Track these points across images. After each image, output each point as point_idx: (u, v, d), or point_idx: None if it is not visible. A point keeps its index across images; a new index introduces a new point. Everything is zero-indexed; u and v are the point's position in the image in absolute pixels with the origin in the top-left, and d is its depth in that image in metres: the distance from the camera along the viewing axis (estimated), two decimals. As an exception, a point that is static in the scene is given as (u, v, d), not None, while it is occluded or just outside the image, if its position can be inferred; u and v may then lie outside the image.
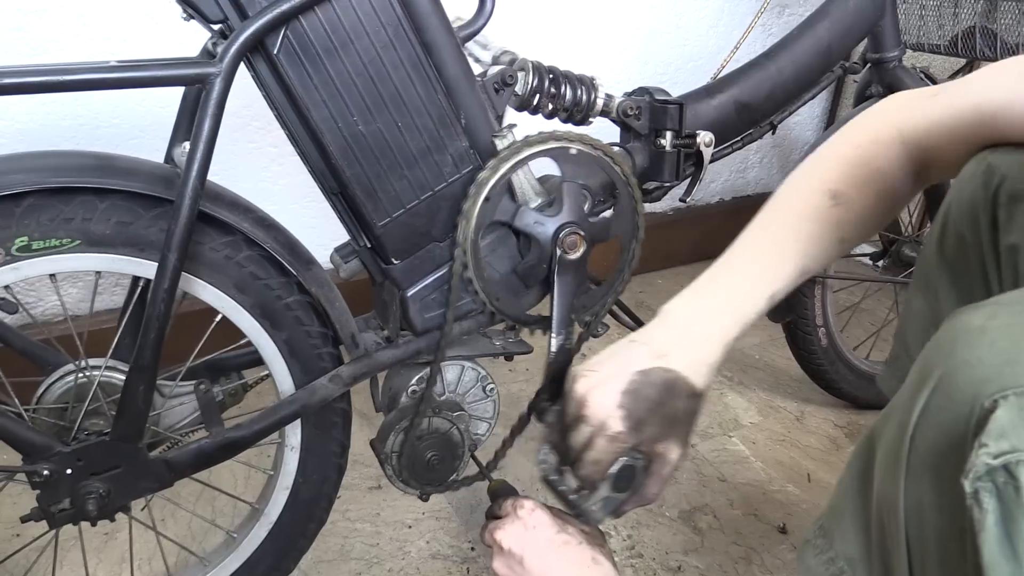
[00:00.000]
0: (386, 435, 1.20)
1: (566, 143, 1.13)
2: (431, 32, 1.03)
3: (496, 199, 1.12)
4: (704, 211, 2.67)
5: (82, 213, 0.95)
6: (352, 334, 1.15)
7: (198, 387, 1.06)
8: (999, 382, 0.56)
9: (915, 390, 0.63)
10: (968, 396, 0.57)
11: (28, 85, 0.87)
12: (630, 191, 1.20)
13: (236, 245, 1.05)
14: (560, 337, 1.18)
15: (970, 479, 0.54)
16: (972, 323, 0.61)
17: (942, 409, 0.60)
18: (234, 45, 0.92)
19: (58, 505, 1.02)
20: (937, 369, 0.61)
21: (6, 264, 0.94)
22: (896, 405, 0.67)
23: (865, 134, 1.03)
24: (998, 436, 0.54)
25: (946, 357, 0.61)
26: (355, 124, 1.03)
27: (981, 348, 0.59)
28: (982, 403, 0.56)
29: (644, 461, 1.01)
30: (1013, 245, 0.84)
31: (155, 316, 0.96)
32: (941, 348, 0.62)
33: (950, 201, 0.93)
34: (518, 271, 1.17)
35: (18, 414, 1.01)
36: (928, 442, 0.61)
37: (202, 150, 0.93)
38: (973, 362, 0.58)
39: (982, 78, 0.92)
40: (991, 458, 0.53)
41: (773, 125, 1.43)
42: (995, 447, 0.53)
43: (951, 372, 0.60)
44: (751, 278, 1.03)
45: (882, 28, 1.52)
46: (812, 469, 1.73)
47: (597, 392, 0.98)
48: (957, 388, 0.59)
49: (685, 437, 1.01)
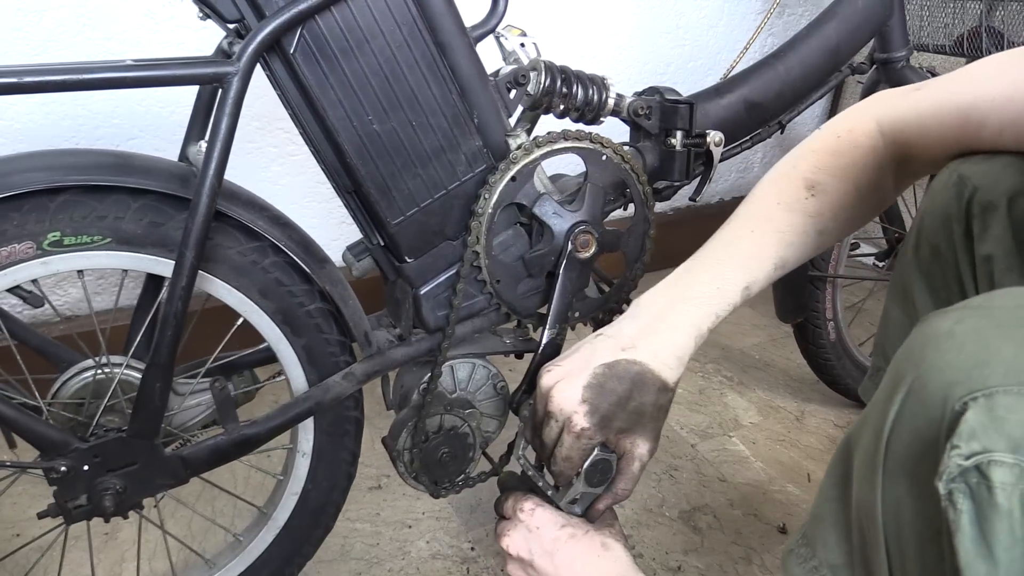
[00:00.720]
0: (398, 432, 1.20)
1: (601, 147, 1.15)
2: (445, 32, 1.03)
3: (522, 181, 1.12)
4: (705, 211, 2.68)
5: (115, 211, 0.96)
6: (365, 332, 1.15)
7: (214, 385, 1.06)
8: (968, 385, 0.57)
9: (888, 396, 0.64)
10: (939, 400, 0.59)
11: (47, 84, 0.87)
12: (641, 190, 1.21)
13: (263, 251, 1.06)
14: (552, 331, 1.18)
15: (944, 481, 0.55)
16: (941, 328, 0.62)
17: (915, 414, 0.61)
18: (252, 44, 0.92)
19: (75, 501, 1.02)
20: (909, 374, 0.62)
21: (36, 258, 0.94)
22: (871, 411, 0.68)
23: (843, 125, 1.03)
24: (969, 437, 0.55)
25: (917, 362, 0.62)
26: (370, 123, 1.03)
27: (950, 352, 0.60)
28: (952, 406, 0.57)
29: (616, 456, 1.01)
30: (988, 255, 0.87)
31: (172, 314, 0.97)
32: (912, 354, 0.63)
33: (923, 211, 0.95)
34: (525, 258, 1.17)
35: (36, 409, 1.01)
36: (903, 446, 0.62)
37: (219, 149, 0.94)
38: (942, 366, 0.60)
39: (962, 73, 0.94)
40: (963, 459, 0.54)
41: (782, 124, 1.44)
42: (966, 448, 0.54)
43: (922, 377, 0.61)
44: (725, 270, 1.00)
45: (890, 28, 1.53)
46: (812, 469, 1.73)
47: (560, 387, 0.97)
48: (928, 392, 0.60)
49: (654, 432, 1.00)
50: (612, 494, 1.02)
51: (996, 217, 0.86)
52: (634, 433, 0.98)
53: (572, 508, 1.04)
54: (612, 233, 1.20)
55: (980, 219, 0.88)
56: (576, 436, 0.96)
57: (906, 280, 0.97)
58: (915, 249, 0.96)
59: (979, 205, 0.88)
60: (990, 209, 0.87)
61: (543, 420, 1.00)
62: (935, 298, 0.94)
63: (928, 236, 0.94)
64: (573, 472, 1.00)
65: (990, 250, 0.86)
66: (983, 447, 0.54)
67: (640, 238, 1.25)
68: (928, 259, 0.94)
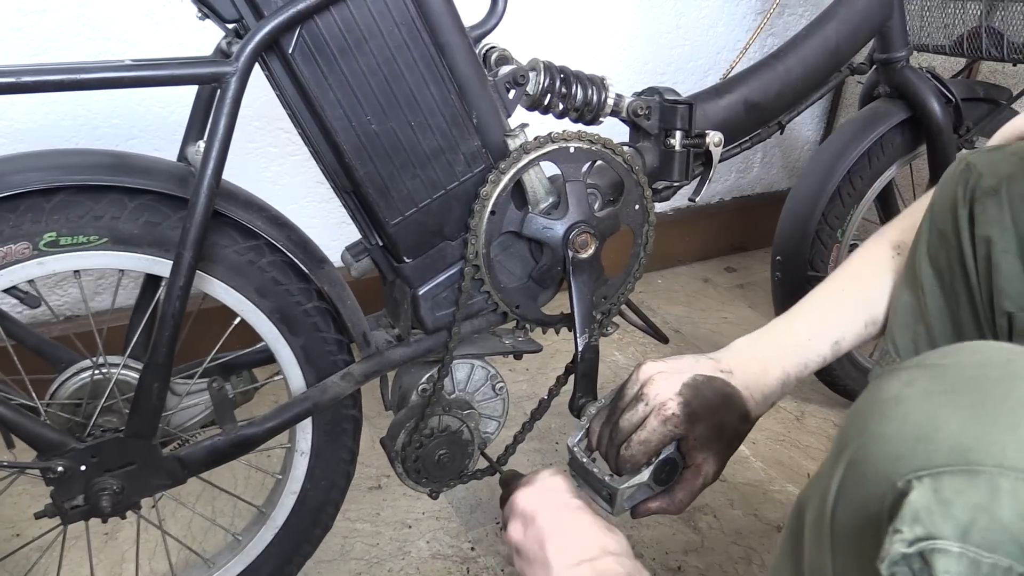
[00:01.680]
0: (396, 433, 1.20)
1: (563, 143, 1.13)
2: (444, 32, 1.03)
3: (502, 211, 1.12)
4: (704, 211, 2.68)
5: (111, 211, 0.96)
6: (364, 332, 1.15)
7: (211, 385, 1.06)
8: (911, 462, 0.54)
9: (833, 462, 0.61)
10: (881, 474, 0.56)
11: (46, 84, 0.87)
12: (638, 184, 1.20)
13: (259, 250, 1.06)
14: (585, 336, 1.18)
15: (886, 564, 0.52)
16: (889, 391, 0.59)
17: (857, 486, 0.58)
18: (250, 44, 0.92)
19: (72, 501, 1.02)
20: (852, 443, 0.59)
21: (33, 258, 0.94)
22: (820, 473, 0.65)
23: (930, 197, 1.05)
24: (912, 521, 0.52)
25: (860, 429, 0.59)
26: (369, 123, 1.03)
27: (895, 421, 0.57)
28: (895, 483, 0.54)
29: (685, 464, 1.02)
30: (987, 237, 0.88)
31: (170, 314, 0.97)
32: (857, 419, 0.60)
33: (934, 200, 0.97)
34: (534, 276, 1.18)
35: (34, 410, 1.01)
36: (848, 517, 0.60)
37: (217, 149, 0.94)
38: (888, 436, 0.56)
39: None
40: (906, 545, 0.51)
41: (781, 125, 1.43)
42: (909, 533, 0.52)
43: (864, 447, 0.58)
44: (814, 324, 1.08)
45: (890, 28, 1.53)
46: (812, 469, 1.73)
47: (662, 375, 1.00)
48: (871, 464, 0.57)
49: (724, 457, 1.02)
50: (669, 498, 1.04)
51: (996, 200, 0.88)
52: (709, 449, 1.00)
53: (624, 493, 1.02)
54: (607, 217, 1.19)
55: (981, 203, 0.89)
56: (663, 421, 0.98)
57: (916, 264, 0.98)
58: (927, 234, 0.97)
59: (981, 190, 0.90)
60: (990, 193, 0.89)
61: (629, 404, 1.02)
62: (940, 282, 0.95)
63: (937, 222, 0.95)
64: (644, 459, 1.00)
65: (988, 232, 0.88)
66: (927, 532, 0.51)
67: (640, 237, 1.24)
68: (936, 244, 0.96)
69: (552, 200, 1.16)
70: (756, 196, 2.80)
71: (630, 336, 2.20)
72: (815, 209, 1.66)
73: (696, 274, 2.63)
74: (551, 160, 1.14)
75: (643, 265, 1.27)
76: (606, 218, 1.19)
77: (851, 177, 1.65)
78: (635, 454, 1.00)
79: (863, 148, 1.63)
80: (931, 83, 1.61)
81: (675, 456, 1.01)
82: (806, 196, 1.68)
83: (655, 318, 2.31)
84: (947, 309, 0.95)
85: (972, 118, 1.68)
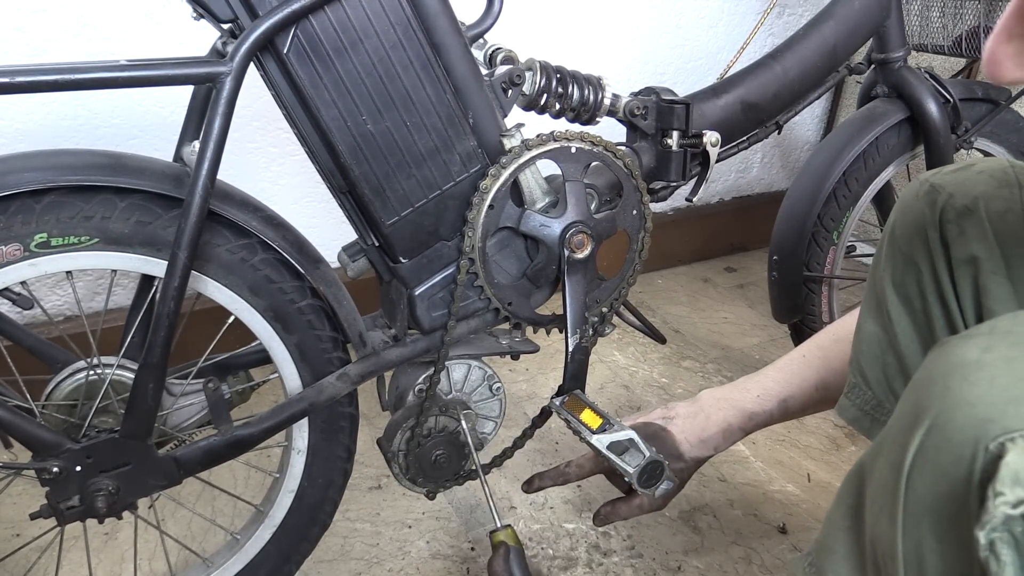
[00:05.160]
0: (393, 433, 1.20)
1: (565, 142, 1.14)
2: (440, 32, 1.03)
3: (500, 206, 1.12)
4: (704, 211, 2.67)
5: (102, 211, 0.96)
6: (360, 333, 1.15)
7: (207, 385, 1.06)
8: (1003, 423, 0.53)
9: (909, 428, 0.60)
10: (969, 438, 0.54)
11: (40, 84, 0.87)
12: (636, 189, 1.20)
13: (252, 248, 1.06)
14: (576, 336, 1.18)
15: (986, 530, 0.51)
16: (968, 356, 0.58)
17: (940, 451, 0.57)
18: (244, 44, 0.92)
19: (67, 502, 1.02)
20: (933, 407, 0.58)
21: (24, 260, 0.94)
22: (887, 440, 0.64)
23: None
24: (1013, 483, 0.50)
25: (941, 394, 0.58)
26: (364, 123, 1.03)
27: (980, 385, 0.56)
28: (986, 446, 0.53)
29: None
30: (972, 257, 0.85)
31: (165, 314, 0.97)
32: (935, 383, 0.59)
33: (893, 223, 0.94)
34: (528, 274, 1.18)
35: (29, 411, 1.01)
36: (926, 485, 0.58)
37: (212, 149, 0.94)
38: (973, 400, 0.55)
39: None
40: (1010, 507, 0.50)
41: (779, 125, 1.43)
42: (1012, 495, 0.50)
43: (948, 411, 0.57)
44: (768, 383, 1.24)
45: (887, 28, 1.53)
46: (812, 469, 1.73)
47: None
48: (956, 429, 0.56)
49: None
50: (627, 502, 1.26)
51: (974, 220, 0.85)
52: None
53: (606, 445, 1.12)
54: (604, 220, 1.19)
55: (956, 224, 0.87)
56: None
57: (878, 292, 0.95)
58: (888, 259, 0.94)
59: (954, 210, 0.87)
60: (966, 213, 0.86)
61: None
62: (909, 309, 0.92)
63: (901, 246, 0.92)
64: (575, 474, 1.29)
65: (973, 252, 0.85)
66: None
67: (637, 239, 1.24)
68: (901, 270, 0.92)
69: (549, 200, 1.16)
70: (756, 196, 2.80)
71: (630, 336, 2.20)
72: (811, 211, 1.66)
73: (696, 274, 2.63)
74: (552, 159, 1.14)
75: (638, 271, 1.27)
76: (603, 220, 1.19)
77: (847, 178, 1.65)
78: (569, 470, 1.29)
79: (859, 149, 1.62)
80: (928, 83, 1.61)
81: (660, 459, 1.11)
82: (802, 198, 1.68)
83: (655, 318, 2.31)
84: (918, 337, 0.92)
85: (970, 118, 1.67)
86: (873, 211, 1.88)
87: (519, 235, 1.16)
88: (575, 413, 1.16)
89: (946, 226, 0.88)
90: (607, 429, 1.12)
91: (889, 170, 1.69)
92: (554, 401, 1.20)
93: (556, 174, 1.17)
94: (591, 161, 1.16)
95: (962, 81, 1.77)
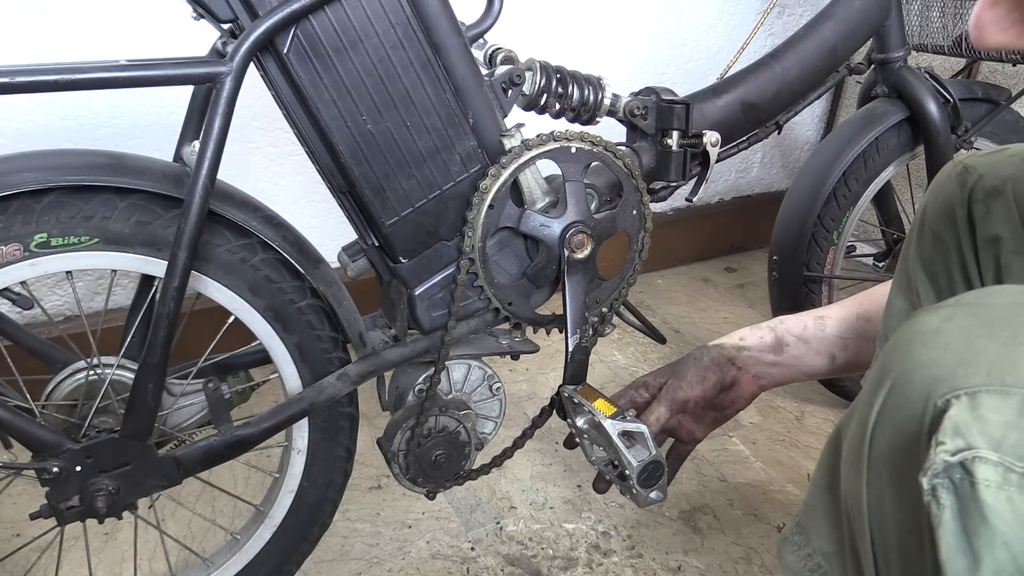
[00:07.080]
0: (393, 433, 1.20)
1: (565, 142, 1.13)
2: (440, 32, 1.03)
3: (500, 206, 1.12)
4: (704, 211, 2.67)
5: (102, 211, 0.96)
6: (360, 333, 1.15)
7: (207, 385, 1.06)
8: (951, 382, 0.58)
9: (874, 389, 0.65)
10: (922, 395, 0.59)
11: (40, 84, 0.87)
12: (636, 189, 1.20)
13: (252, 248, 1.06)
14: (576, 336, 1.18)
15: (928, 476, 0.56)
16: (928, 325, 0.63)
17: (898, 408, 0.62)
18: (244, 44, 0.92)
19: (67, 502, 1.02)
20: (894, 369, 0.63)
21: (24, 260, 0.94)
22: (859, 403, 0.69)
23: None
24: (954, 434, 0.55)
25: (902, 358, 0.63)
26: (364, 123, 1.03)
27: (935, 349, 0.61)
28: (935, 402, 0.58)
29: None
30: (995, 236, 0.88)
31: (165, 314, 0.97)
32: (898, 349, 0.64)
33: (926, 203, 0.97)
34: (528, 274, 1.18)
35: (29, 411, 1.01)
36: (886, 440, 0.63)
37: (212, 149, 0.94)
38: (928, 363, 0.60)
39: None
40: (949, 455, 0.55)
41: (779, 125, 1.43)
42: (951, 444, 0.55)
43: (906, 372, 0.62)
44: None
45: (887, 28, 1.53)
46: (812, 469, 1.72)
47: None
48: (912, 388, 0.61)
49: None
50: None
51: (1001, 201, 0.88)
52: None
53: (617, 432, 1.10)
54: (604, 220, 1.19)
55: (983, 204, 0.89)
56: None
57: (910, 270, 0.98)
58: (918, 238, 0.97)
59: (983, 191, 0.90)
60: (994, 194, 0.89)
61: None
62: (936, 286, 0.96)
63: (931, 224, 0.95)
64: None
65: (997, 231, 0.88)
66: (967, 444, 0.55)
67: (637, 239, 1.24)
68: (930, 248, 0.96)
69: (549, 200, 1.16)
70: (756, 196, 2.80)
71: (630, 336, 2.20)
72: (811, 211, 1.66)
73: (696, 274, 2.63)
74: (552, 159, 1.13)
75: (638, 271, 1.27)
76: (603, 220, 1.19)
77: (847, 178, 1.65)
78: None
79: (859, 149, 1.62)
80: (928, 83, 1.61)
81: (663, 461, 1.09)
82: (802, 198, 1.68)
83: (655, 318, 2.31)
84: None
85: (971, 118, 1.68)
86: (873, 211, 1.88)
87: (519, 235, 1.16)
88: (589, 400, 1.15)
89: (974, 206, 0.90)
90: (620, 417, 1.11)
91: (889, 170, 1.69)
92: (567, 387, 1.19)
93: (556, 174, 1.17)
94: (591, 161, 1.16)
95: (962, 81, 1.77)
